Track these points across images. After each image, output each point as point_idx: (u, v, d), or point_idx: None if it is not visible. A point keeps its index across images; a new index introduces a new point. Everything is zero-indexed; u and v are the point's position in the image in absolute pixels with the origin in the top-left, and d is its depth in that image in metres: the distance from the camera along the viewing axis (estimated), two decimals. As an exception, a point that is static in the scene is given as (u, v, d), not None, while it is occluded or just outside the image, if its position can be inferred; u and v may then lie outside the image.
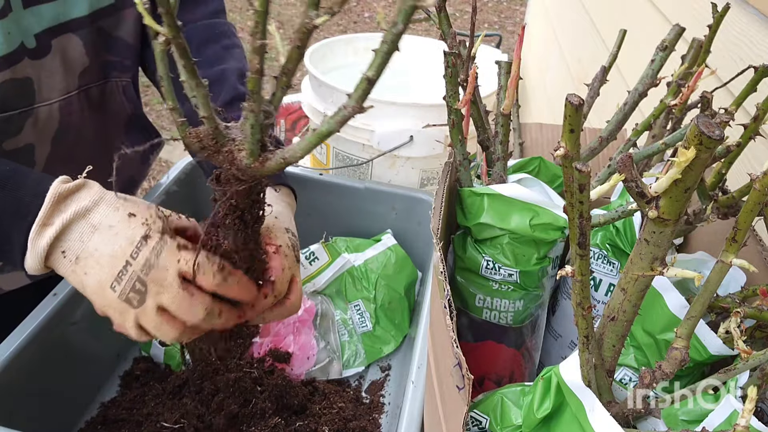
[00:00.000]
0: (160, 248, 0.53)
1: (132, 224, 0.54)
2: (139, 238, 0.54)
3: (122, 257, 0.53)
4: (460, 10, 5.03)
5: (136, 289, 0.53)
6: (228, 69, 0.80)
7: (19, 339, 0.66)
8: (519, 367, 0.66)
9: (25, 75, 0.71)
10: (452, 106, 0.58)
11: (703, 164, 0.31)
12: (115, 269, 0.53)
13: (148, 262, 0.53)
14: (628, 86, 0.70)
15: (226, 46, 0.84)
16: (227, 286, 0.55)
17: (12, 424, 0.60)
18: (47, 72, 0.73)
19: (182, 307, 0.53)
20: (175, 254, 0.54)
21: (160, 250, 0.53)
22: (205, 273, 0.53)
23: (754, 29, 0.79)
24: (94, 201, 0.55)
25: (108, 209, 0.55)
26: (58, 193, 0.54)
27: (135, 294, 0.53)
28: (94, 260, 0.53)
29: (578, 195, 0.34)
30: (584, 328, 0.40)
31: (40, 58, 0.72)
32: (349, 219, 1.03)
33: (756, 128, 0.52)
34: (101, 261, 0.53)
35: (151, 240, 0.54)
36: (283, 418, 0.74)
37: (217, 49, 0.83)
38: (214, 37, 0.84)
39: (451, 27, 0.60)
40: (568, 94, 0.32)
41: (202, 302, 0.54)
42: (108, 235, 0.54)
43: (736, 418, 0.38)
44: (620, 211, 0.57)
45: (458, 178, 0.63)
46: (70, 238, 0.54)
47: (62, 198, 0.54)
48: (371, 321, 0.91)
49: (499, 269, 0.61)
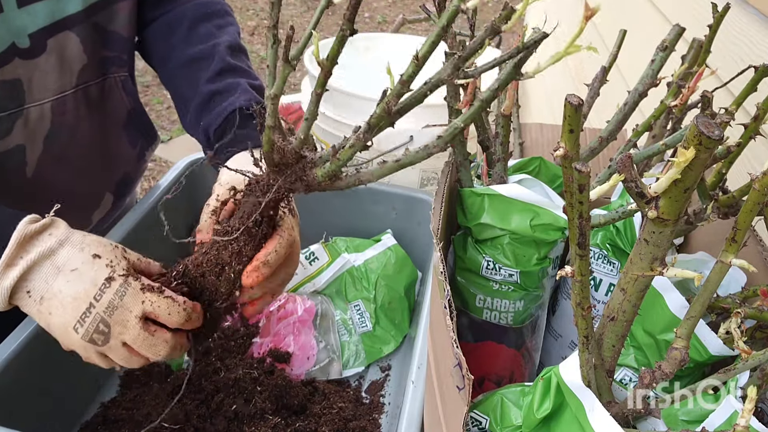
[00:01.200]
0: (123, 290, 0.55)
1: (96, 266, 0.56)
2: (102, 280, 0.55)
3: (86, 299, 0.55)
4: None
5: (99, 330, 0.55)
6: (219, 43, 0.81)
7: (19, 339, 0.66)
8: (519, 367, 0.66)
9: (14, 76, 0.71)
10: (453, 106, 0.58)
11: (702, 164, 0.31)
12: (78, 311, 0.55)
13: (112, 303, 0.55)
14: (628, 86, 0.70)
15: (219, 25, 0.85)
16: (191, 323, 0.58)
17: (12, 424, 0.60)
18: (40, 72, 0.73)
19: (144, 346, 0.56)
20: (139, 296, 0.55)
21: (124, 292, 0.55)
22: (170, 314, 0.56)
23: (754, 29, 0.79)
24: (59, 241, 0.56)
25: (72, 250, 0.56)
26: (24, 234, 0.55)
27: (99, 335, 0.55)
28: (58, 301, 0.55)
29: (578, 195, 0.34)
30: (584, 328, 0.40)
31: (34, 58, 0.72)
32: (349, 219, 1.02)
33: (756, 128, 0.52)
34: (65, 302, 0.55)
35: (114, 282, 0.55)
36: (283, 418, 0.74)
37: (209, 27, 0.84)
38: (207, 16, 0.85)
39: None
40: (568, 95, 0.32)
41: (164, 340, 0.57)
42: (72, 277, 0.55)
43: (736, 419, 0.38)
44: (620, 211, 0.57)
45: (459, 178, 0.63)
46: (34, 278, 0.55)
47: (28, 238, 0.55)
48: (371, 321, 0.91)
49: (499, 269, 0.61)
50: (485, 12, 5.15)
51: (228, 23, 0.86)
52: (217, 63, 0.79)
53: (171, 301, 0.56)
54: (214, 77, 0.78)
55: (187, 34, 0.83)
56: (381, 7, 5.22)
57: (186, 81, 0.81)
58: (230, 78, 0.79)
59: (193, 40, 0.82)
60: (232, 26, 0.87)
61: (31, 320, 0.68)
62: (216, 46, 0.81)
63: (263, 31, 4.68)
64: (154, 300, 0.55)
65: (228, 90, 0.77)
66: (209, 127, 0.76)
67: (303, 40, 0.47)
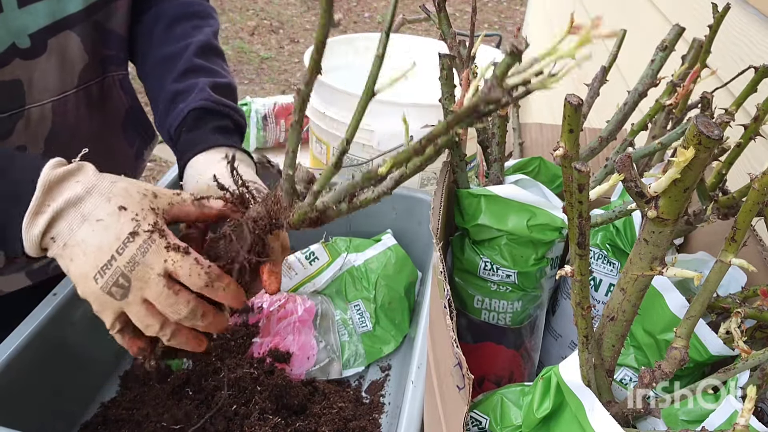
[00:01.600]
0: (147, 247, 0.54)
1: (121, 219, 0.54)
2: (126, 234, 0.54)
3: (108, 251, 0.53)
4: (460, 10, 5.03)
5: (119, 284, 0.53)
6: (191, 43, 0.81)
7: (19, 339, 0.66)
8: (518, 367, 0.66)
9: (14, 77, 0.70)
10: (448, 108, 0.58)
11: (702, 164, 0.31)
12: (99, 262, 0.53)
13: (134, 259, 0.53)
14: (628, 86, 0.70)
15: (196, 25, 0.85)
16: (213, 290, 0.55)
17: (12, 424, 0.60)
18: (41, 72, 0.73)
19: (165, 302, 0.54)
20: (162, 254, 0.54)
21: (147, 248, 0.54)
22: (191, 275, 0.54)
23: (754, 29, 0.79)
24: (86, 189, 0.55)
25: (99, 200, 0.55)
26: (48, 180, 0.54)
27: (118, 288, 0.54)
28: (80, 250, 0.54)
29: (577, 195, 0.34)
30: (584, 328, 0.40)
31: (34, 58, 0.71)
32: (349, 219, 1.03)
33: (756, 128, 0.52)
34: (87, 251, 0.54)
35: (138, 237, 0.54)
36: (283, 418, 0.74)
37: (186, 28, 0.83)
38: (187, 16, 0.85)
39: (451, 27, 0.60)
40: (567, 95, 0.32)
41: (186, 300, 0.54)
42: (97, 227, 0.54)
43: (736, 418, 0.38)
44: (617, 210, 0.57)
45: (455, 179, 0.63)
46: (60, 225, 0.54)
47: (54, 185, 0.54)
48: (371, 321, 0.91)
49: (497, 270, 0.61)
50: (485, 12, 5.16)
51: (206, 24, 0.86)
52: (183, 63, 0.79)
53: (194, 262, 0.55)
54: (178, 77, 0.78)
55: (163, 33, 0.83)
56: (381, 7, 5.23)
57: (156, 80, 0.80)
58: (193, 78, 0.78)
59: (168, 39, 0.82)
60: (210, 27, 0.86)
61: (31, 320, 0.68)
62: (188, 46, 0.80)
63: (263, 31, 4.69)
64: (177, 259, 0.54)
65: (188, 90, 0.77)
66: (171, 127, 0.76)
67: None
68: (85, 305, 0.76)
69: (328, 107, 1.08)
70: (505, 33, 4.35)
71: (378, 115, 1.03)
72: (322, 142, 1.15)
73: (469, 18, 0.60)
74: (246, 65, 4.19)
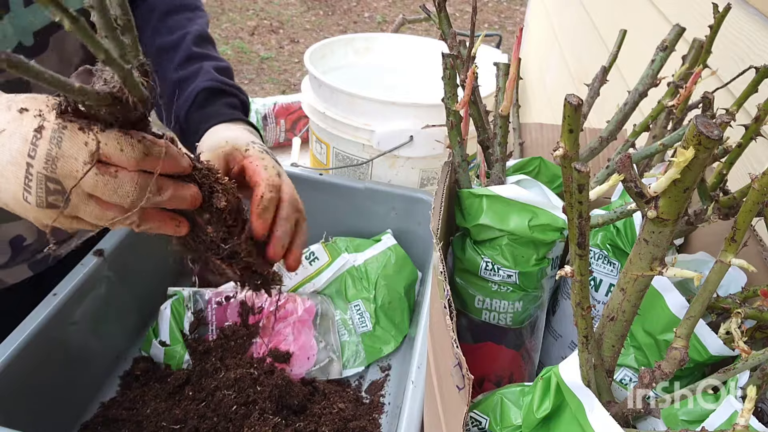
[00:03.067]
0: (59, 136, 0.45)
1: (24, 120, 0.47)
2: (32, 132, 0.46)
3: (22, 161, 0.46)
4: (460, 10, 5.03)
5: (51, 191, 0.46)
6: (188, 33, 0.83)
7: (19, 339, 0.66)
8: (518, 368, 0.66)
9: (19, 75, 0.71)
10: (450, 107, 0.58)
11: (702, 164, 0.31)
12: (20, 176, 0.46)
13: (50, 155, 0.45)
14: (628, 86, 0.70)
15: (189, 17, 0.87)
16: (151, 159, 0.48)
17: (12, 424, 0.60)
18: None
19: (106, 190, 0.46)
20: (79, 137, 0.46)
21: (60, 138, 0.45)
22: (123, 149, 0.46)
23: (754, 29, 0.79)
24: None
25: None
26: None
27: (54, 196, 0.46)
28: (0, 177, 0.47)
29: (577, 195, 0.34)
30: (584, 328, 0.40)
31: (38, 56, 0.72)
32: (349, 219, 1.03)
33: (757, 129, 0.52)
34: (5, 173, 0.47)
35: (45, 130, 0.46)
36: (283, 418, 0.74)
37: (179, 19, 0.86)
38: (177, 9, 0.87)
39: (451, 27, 0.60)
40: (567, 95, 0.32)
41: (130, 179, 0.47)
42: (2, 140, 0.47)
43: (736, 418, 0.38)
44: (618, 211, 0.57)
45: (457, 179, 0.63)
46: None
47: None
48: (371, 321, 0.91)
49: (498, 270, 0.61)
50: (485, 12, 5.16)
51: (197, 16, 0.89)
52: (183, 52, 0.81)
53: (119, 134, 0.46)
54: (179, 65, 0.80)
55: (156, 26, 0.85)
56: (381, 7, 5.23)
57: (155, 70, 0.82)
58: (196, 64, 0.80)
59: (162, 31, 0.84)
60: (201, 18, 0.89)
61: (31, 320, 0.68)
62: (185, 36, 0.83)
63: (263, 31, 4.69)
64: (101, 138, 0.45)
65: (192, 75, 0.79)
66: (180, 111, 0.77)
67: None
68: (86, 305, 0.77)
69: (328, 107, 1.08)
70: (505, 33, 4.36)
71: (378, 115, 1.03)
72: (322, 142, 1.15)
73: (469, 18, 0.60)
74: (246, 65, 4.19)
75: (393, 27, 3.20)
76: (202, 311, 0.87)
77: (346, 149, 1.11)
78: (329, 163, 1.16)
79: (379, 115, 1.03)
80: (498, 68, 0.66)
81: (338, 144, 1.11)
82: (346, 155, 1.12)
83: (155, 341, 0.84)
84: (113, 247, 0.80)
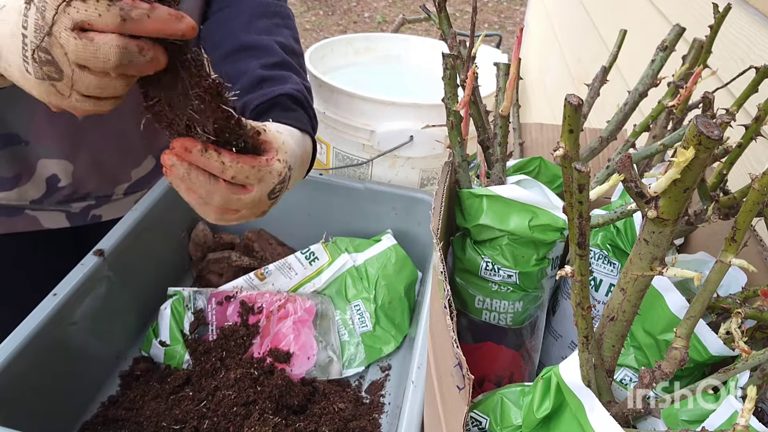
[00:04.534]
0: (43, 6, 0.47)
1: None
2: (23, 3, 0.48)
3: (18, 32, 0.48)
4: (460, 10, 5.03)
5: (43, 61, 0.48)
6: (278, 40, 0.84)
7: (19, 339, 0.66)
8: (519, 368, 0.66)
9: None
10: (451, 107, 0.58)
11: (702, 164, 0.31)
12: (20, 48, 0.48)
13: (37, 24, 0.47)
14: (628, 86, 0.70)
15: (278, 23, 0.88)
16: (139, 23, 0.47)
17: (12, 424, 0.60)
18: None
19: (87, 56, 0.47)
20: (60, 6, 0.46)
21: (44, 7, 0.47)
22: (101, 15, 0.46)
23: (754, 29, 0.79)
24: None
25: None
26: None
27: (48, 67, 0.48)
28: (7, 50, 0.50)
29: (577, 195, 0.34)
30: (584, 328, 0.40)
31: None
32: (349, 219, 1.03)
33: (757, 129, 0.52)
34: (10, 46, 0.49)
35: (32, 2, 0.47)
36: (283, 418, 0.74)
37: (268, 24, 0.86)
38: (267, 14, 0.88)
39: (451, 27, 0.60)
40: (567, 95, 0.32)
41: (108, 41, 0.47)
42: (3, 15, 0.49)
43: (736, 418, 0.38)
44: (618, 211, 0.57)
45: (457, 179, 0.63)
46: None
47: None
48: (371, 321, 0.91)
49: (498, 270, 0.61)
50: (485, 12, 5.16)
51: (286, 25, 0.89)
52: (276, 56, 0.81)
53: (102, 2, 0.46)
54: (268, 66, 0.80)
55: (246, 25, 0.85)
56: (381, 7, 5.23)
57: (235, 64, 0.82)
58: (285, 71, 0.80)
59: (251, 29, 0.85)
60: (290, 30, 0.89)
61: (31, 320, 0.68)
62: (274, 41, 0.83)
63: (263, 31, 4.68)
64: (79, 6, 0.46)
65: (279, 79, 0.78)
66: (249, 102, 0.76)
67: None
68: (86, 305, 0.77)
69: (328, 107, 1.08)
70: (505, 33, 4.36)
71: (378, 115, 1.03)
72: (322, 142, 1.15)
73: (469, 18, 0.60)
74: (246, 65, 4.18)
75: (393, 27, 3.21)
76: (202, 311, 0.87)
77: (346, 149, 1.11)
78: (329, 163, 1.16)
79: (379, 115, 1.03)
80: (498, 68, 0.66)
81: (338, 144, 1.11)
82: (346, 155, 1.12)
83: (155, 341, 0.84)
84: (113, 247, 0.80)
